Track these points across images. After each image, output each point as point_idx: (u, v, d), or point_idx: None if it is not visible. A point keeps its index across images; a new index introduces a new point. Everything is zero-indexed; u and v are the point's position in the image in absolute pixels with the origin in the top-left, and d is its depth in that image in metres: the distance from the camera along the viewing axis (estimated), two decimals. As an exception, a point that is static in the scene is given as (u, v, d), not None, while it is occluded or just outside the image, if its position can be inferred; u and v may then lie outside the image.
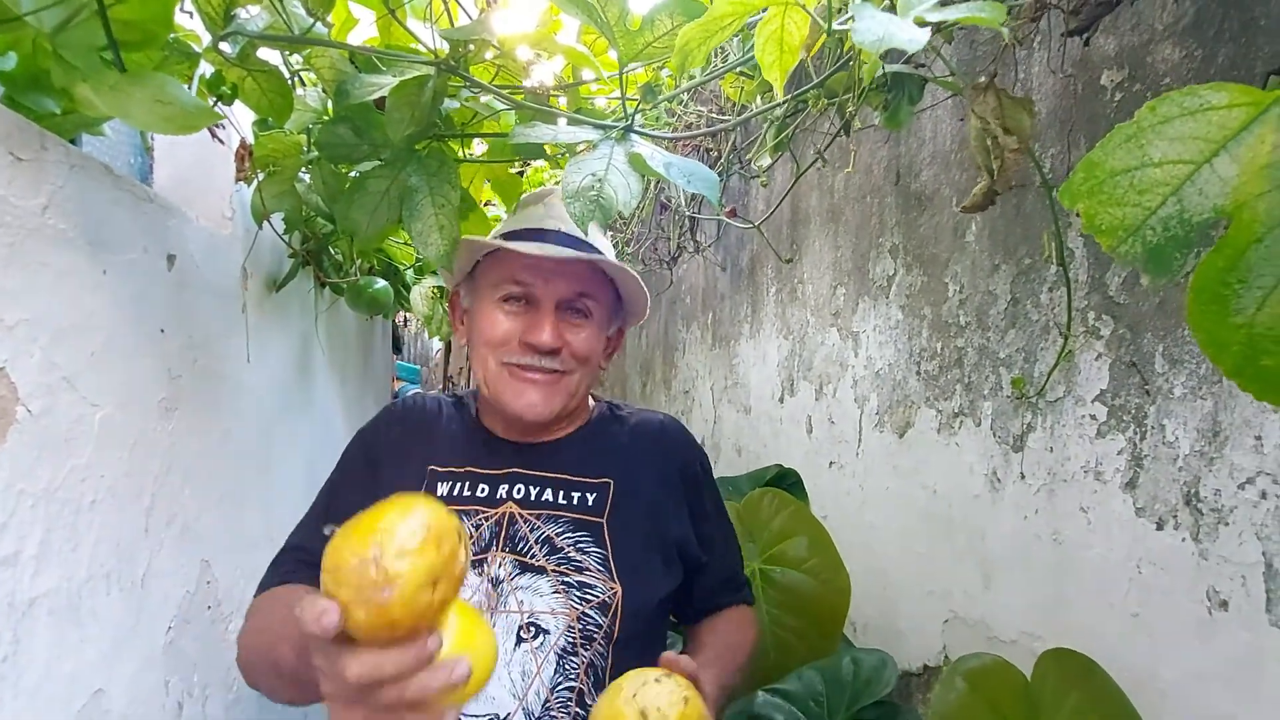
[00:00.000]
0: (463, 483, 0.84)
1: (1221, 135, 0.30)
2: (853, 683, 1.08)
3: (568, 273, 0.82)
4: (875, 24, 0.45)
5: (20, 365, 0.60)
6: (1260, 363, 0.30)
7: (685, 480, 0.91)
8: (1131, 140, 0.32)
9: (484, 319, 0.84)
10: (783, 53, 0.58)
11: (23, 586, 0.61)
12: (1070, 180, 0.34)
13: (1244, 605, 0.82)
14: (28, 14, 0.54)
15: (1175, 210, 0.31)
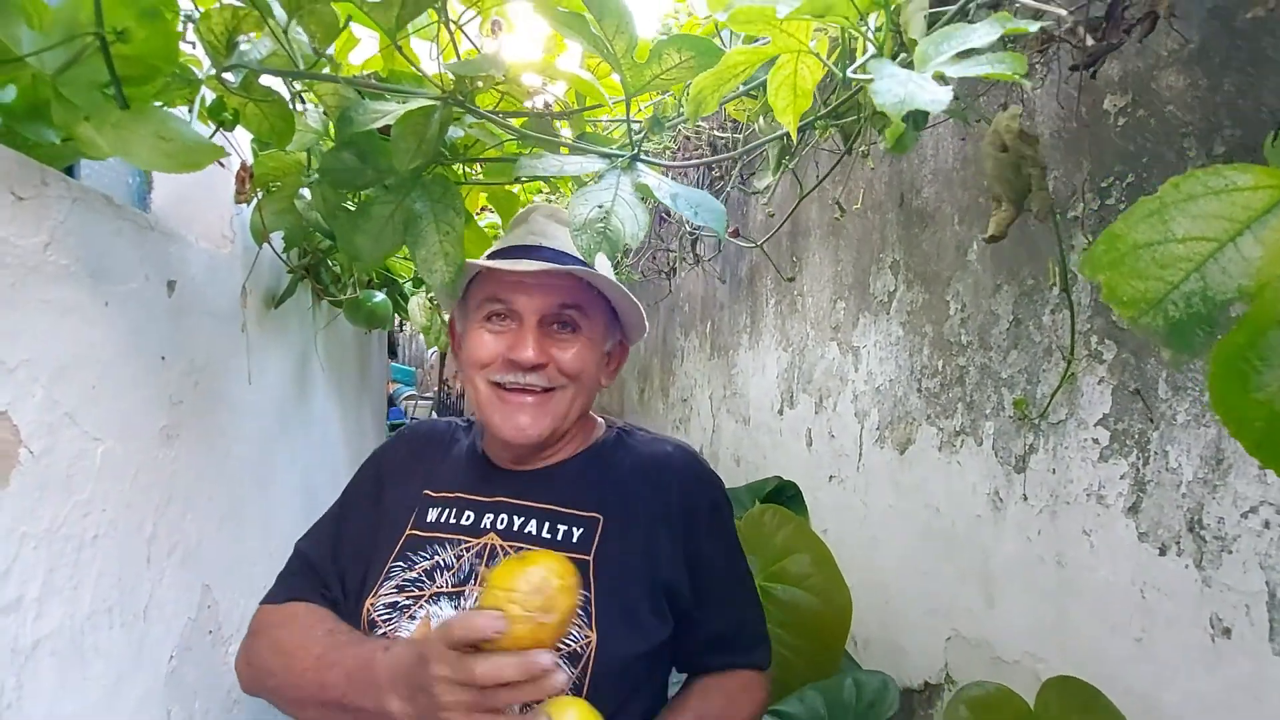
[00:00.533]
0: (451, 509, 0.82)
1: (1246, 215, 0.30)
2: (855, 705, 1.08)
3: (549, 286, 0.80)
4: (896, 84, 0.44)
5: (22, 407, 0.59)
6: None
7: (686, 519, 0.83)
8: (1155, 215, 0.32)
9: (471, 340, 0.83)
10: (796, 96, 0.58)
11: (25, 631, 0.60)
12: (1092, 251, 0.34)
13: (1247, 633, 0.82)
14: (29, 55, 0.53)
15: (1198, 286, 0.31)
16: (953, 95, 0.43)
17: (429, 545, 0.80)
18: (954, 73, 0.46)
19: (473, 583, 0.76)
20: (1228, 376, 0.31)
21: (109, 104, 0.59)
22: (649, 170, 0.81)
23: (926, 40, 0.48)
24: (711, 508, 0.87)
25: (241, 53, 0.75)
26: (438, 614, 0.74)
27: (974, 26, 0.47)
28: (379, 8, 0.62)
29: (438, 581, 0.77)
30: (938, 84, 0.44)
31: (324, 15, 0.71)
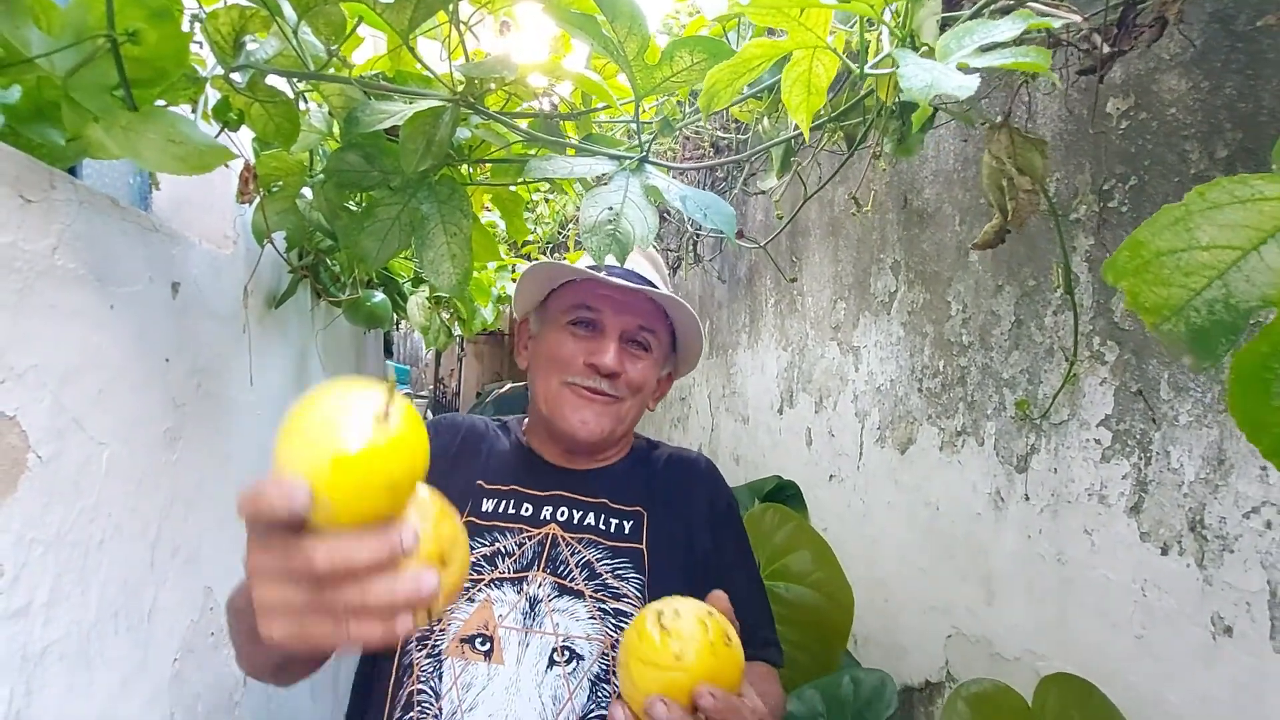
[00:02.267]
0: (508, 500, 0.86)
1: (1272, 225, 0.31)
2: (853, 703, 1.09)
3: (634, 306, 0.87)
4: (922, 71, 0.45)
5: (30, 412, 0.59)
6: None
7: (711, 516, 0.92)
8: (1179, 223, 0.33)
9: (551, 339, 0.88)
10: (810, 94, 0.58)
11: (34, 637, 0.60)
12: (1115, 257, 0.35)
13: (1249, 631, 0.83)
14: (39, 57, 0.52)
15: (1221, 294, 0.32)
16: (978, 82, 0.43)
17: (488, 533, 0.83)
18: (978, 64, 0.46)
19: (535, 569, 0.80)
20: (1248, 383, 0.31)
21: (118, 106, 0.58)
22: (657, 172, 0.81)
23: (948, 35, 0.49)
24: (729, 508, 0.95)
25: (249, 53, 0.75)
26: (500, 598, 0.77)
27: (997, 22, 0.47)
28: (392, 9, 0.61)
29: (499, 567, 0.80)
30: (963, 73, 0.45)
31: (333, 16, 0.71)
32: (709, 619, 0.59)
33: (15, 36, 0.51)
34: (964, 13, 0.59)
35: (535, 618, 0.77)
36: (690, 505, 0.90)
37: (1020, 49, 0.45)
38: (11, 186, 0.55)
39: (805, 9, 0.51)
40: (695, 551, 0.87)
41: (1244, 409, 0.32)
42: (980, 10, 0.57)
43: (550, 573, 0.80)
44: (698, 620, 0.58)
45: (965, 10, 0.61)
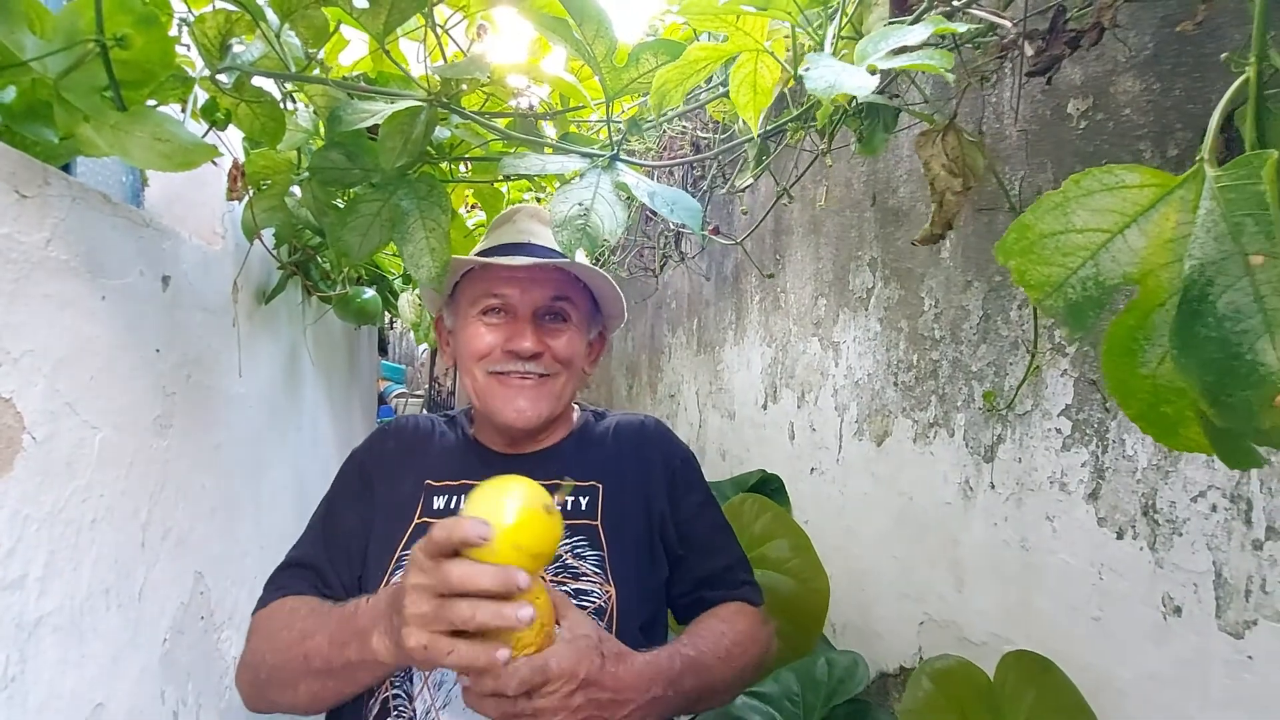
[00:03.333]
0: (458, 496, 0.87)
1: (1134, 210, 0.34)
2: (827, 682, 1.12)
3: (542, 280, 0.86)
4: (828, 72, 0.48)
5: (26, 395, 0.62)
6: (1160, 410, 0.34)
7: (666, 475, 0.93)
8: (1058, 208, 0.36)
9: (467, 335, 0.88)
10: (756, 94, 0.62)
11: (29, 607, 0.63)
12: (1005, 239, 0.38)
13: (1196, 611, 0.87)
14: (32, 60, 0.56)
15: (1092, 272, 0.35)
16: (877, 82, 0.47)
17: None
18: (885, 65, 0.50)
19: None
20: (1117, 354, 0.35)
21: (108, 106, 0.62)
22: (628, 169, 0.84)
23: (866, 39, 0.52)
24: (683, 463, 0.97)
25: (234, 55, 0.78)
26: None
27: (909, 27, 0.51)
28: (368, 14, 0.65)
29: None
30: (868, 74, 0.48)
31: (314, 19, 0.74)
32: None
33: (10, 40, 0.55)
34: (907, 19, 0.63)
35: None
36: (645, 470, 0.91)
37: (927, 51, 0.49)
38: (7, 182, 0.59)
39: (741, 15, 0.55)
40: (653, 515, 0.89)
41: (1115, 377, 0.35)
42: (920, 16, 0.61)
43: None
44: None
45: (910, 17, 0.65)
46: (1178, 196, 0.34)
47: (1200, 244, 0.31)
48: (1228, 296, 0.30)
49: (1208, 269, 0.30)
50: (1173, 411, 0.33)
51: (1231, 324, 0.30)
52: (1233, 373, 0.30)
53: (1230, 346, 0.30)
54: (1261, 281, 0.29)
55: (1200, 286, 0.30)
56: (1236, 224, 0.30)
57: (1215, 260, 0.30)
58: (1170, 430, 0.35)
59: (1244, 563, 0.82)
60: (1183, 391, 0.33)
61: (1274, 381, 0.29)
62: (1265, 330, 0.29)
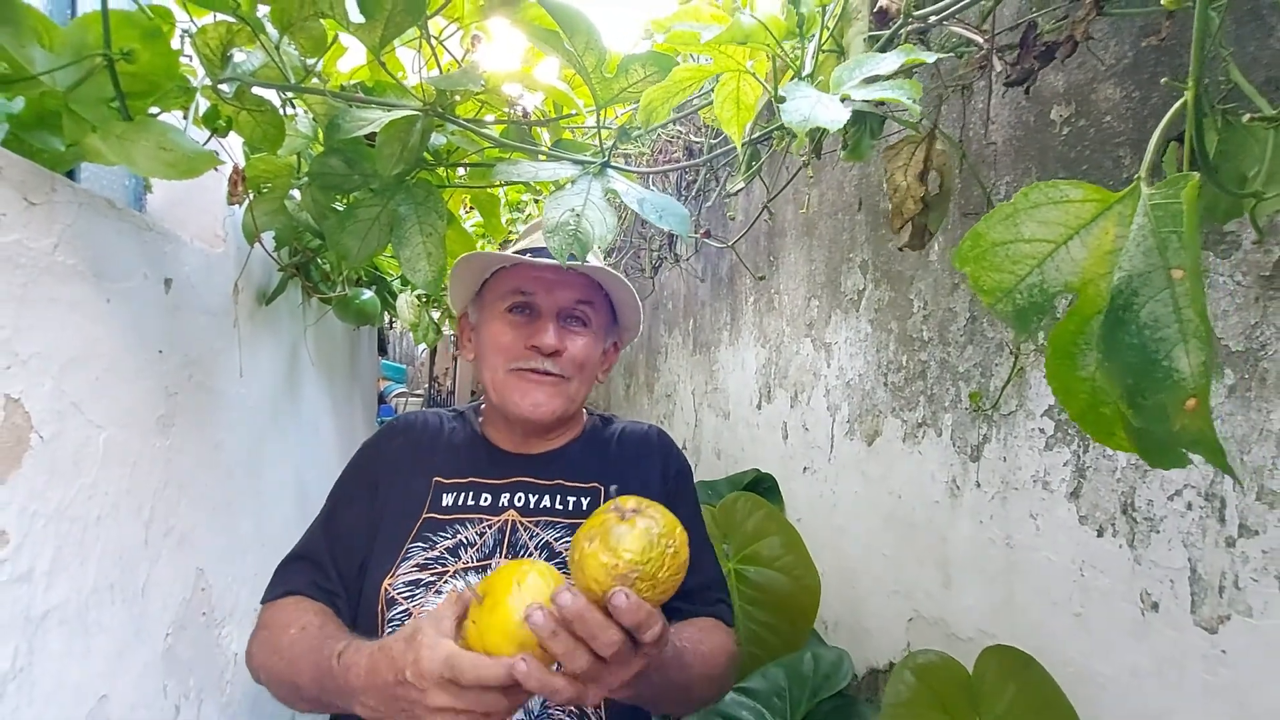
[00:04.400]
0: (466, 493, 0.90)
1: (1076, 223, 0.37)
2: (813, 677, 1.15)
3: (567, 283, 0.90)
4: (803, 104, 0.50)
5: (33, 395, 0.64)
6: (1099, 410, 0.36)
7: (665, 484, 0.96)
8: (1009, 218, 0.39)
9: (491, 330, 0.91)
10: (739, 109, 0.64)
11: (36, 601, 0.66)
12: (960, 246, 0.40)
13: (1172, 607, 0.89)
14: (43, 74, 0.58)
15: (1038, 280, 0.37)
16: (850, 114, 0.49)
17: (449, 526, 0.86)
18: (859, 95, 0.52)
19: (497, 555, 0.84)
20: (1060, 357, 0.37)
21: (114, 117, 0.64)
22: (619, 176, 0.86)
23: (841, 66, 0.55)
24: (680, 476, 0.99)
25: (235, 65, 0.80)
26: (466, 587, 0.80)
27: (881, 56, 0.53)
28: (364, 28, 0.67)
29: (462, 558, 0.84)
30: (841, 105, 0.51)
31: (313, 30, 0.77)
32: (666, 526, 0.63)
33: (21, 55, 0.57)
34: (885, 33, 0.65)
35: None
36: (645, 478, 0.94)
37: (897, 82, 0.51)
38: (17, 190, 0.61)
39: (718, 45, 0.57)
40: None
41: (1058, 379, 0.38)
42: (899, 30, 0.63)
43: (512, 558, 0.83)
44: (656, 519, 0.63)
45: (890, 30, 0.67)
46: (1116, 211, 0.36)
47: (1130, 257, 0.33)
48: (1150, 307, 0.32)
49: (1134, 280, 0.33)
50: (1110, 412, 0.36)
51: (1151, 332, 0.32)
52: (1149, 377, 0.32)
53: (1149, 353, 0.32)
54: (1180, 294, 0.32)
55: (1126, 296, 0.33)
56: (1163, 239, 0.33)
57: (1143, 272, 0.33)
58: (1107, 430, 0.37)
59: (1218, 559, 0.85)
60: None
61: (1186, 386, 0.32)
62: (1181, 339, 0.32)
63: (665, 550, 0.60)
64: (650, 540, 0.60)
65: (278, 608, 0.85)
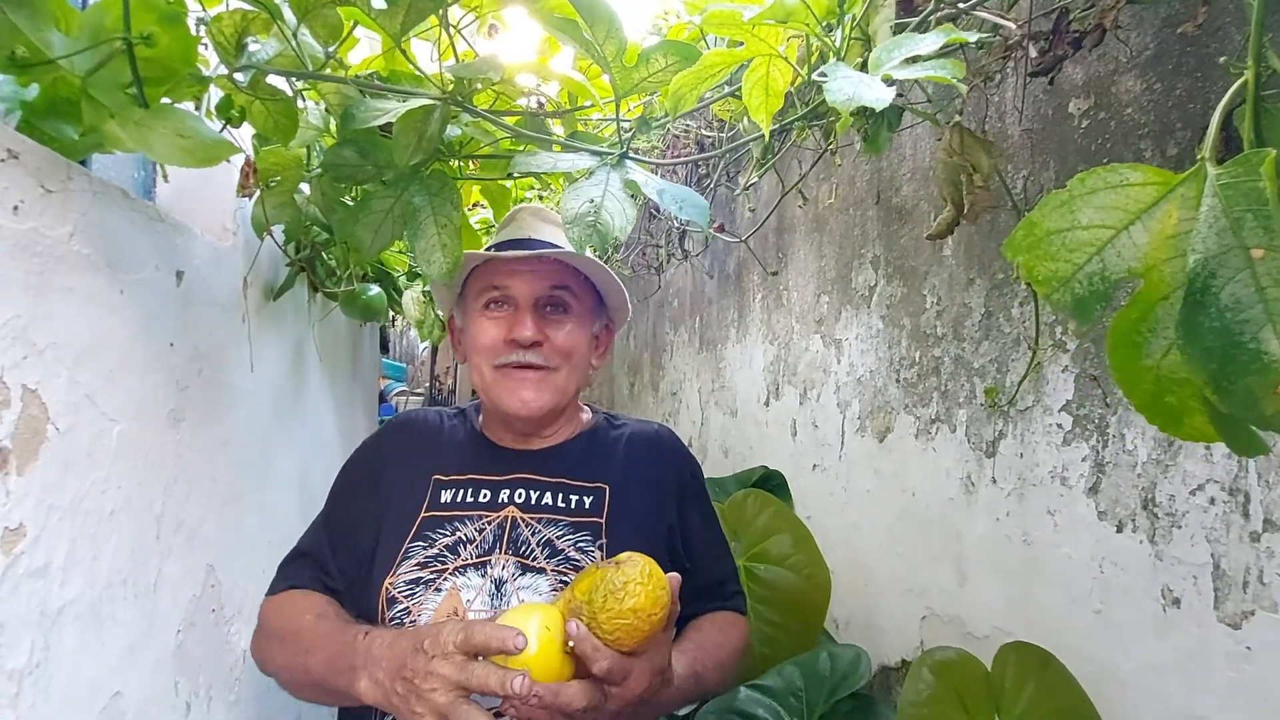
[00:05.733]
0: (465, 490, 0.89)
1: (1138, 208, 0.36)
2: (830, 677, 1.14)
3: (541, 271, 0.88)
4: (847, 84, 0.50)
5: (50, 386, 0.63)
6: (1164, 400, 0.35)
7: (677, 486, 0.95)
8: (1064, 205, 0.38)
9: (473, 329, 0.91)
10: (768, 96, 0.63)
11: (53, 595, 0.65)
12: (1013, 236, 0.40)
13: (1195, 603, 0.88)
14: (60, 58, 0.57)
15: (1098, 268, 0.37)
16: (894, 93, 0.48)
17: (448, 523, 0.85)
18: (900, 75, 0.51)
19: (497, 552, 0.83)
20: (1122, 346, 0.36)
21: (131, 103, 0.63)
22: (637, 167, 0.85)
23: (880, 47, 0.54)
24: (692, 476, 1.00)
25: (250, 53, 0.79)
26: (466, 584, 0.81)
27: (922, 36, 0.52)
28: (385, 14, 0.66)
29: (461, 555, 0.83)
30: (885, 85, 0.50)
31: (331, 19, 0.76)
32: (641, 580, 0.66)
33: (39, 39, 0.56)
34: (913, 20, 0.64)
35: (502, 597, 0.80)
36: (658, 481, 0.93)
37: (940, 61, 0.50)
38: (34, 177, 0.60)
39: (758, 25, 0.56)
40: (660, 522, 0.91)
41: (1121, 368, 0.37)
42: (927, 18, 0.62)
43: (512, 554, 0.83)
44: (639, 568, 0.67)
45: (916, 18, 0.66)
46: (1179, 194, 0.35)
47: (1203, 239, 0.33)
48: (1230, 289, 0.31)
49: (1210, 263, 0.32)
50: (1176, 401, 0.35)
51: (1233, 314, 0.31)
52: (1235, 361, 0.31)
53: (1232, 336, 0.31)
54: (1262, 274, 0.31)
55: (1203, 279, 0.32)
56: (1237, 219, 0.32)
57: (1217, 254, 0.32)
58: (1175, 420, 0.36)
59: (1242, 555, 0.84)
60: (1185, 382, 0.34)
61: (1276, 369, 0.31)
62: (1267, 320, 0.31)
63: (609, 594, 0.64)
64: (598, 583, 0.65)
65: (286, 598, 0.85)
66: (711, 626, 0.92)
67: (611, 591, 0.63)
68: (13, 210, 0.58)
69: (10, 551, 0.58)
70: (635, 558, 0.67)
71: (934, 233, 0.75)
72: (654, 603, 0.64)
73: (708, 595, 0.96)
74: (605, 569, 0.66)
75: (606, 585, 0.64)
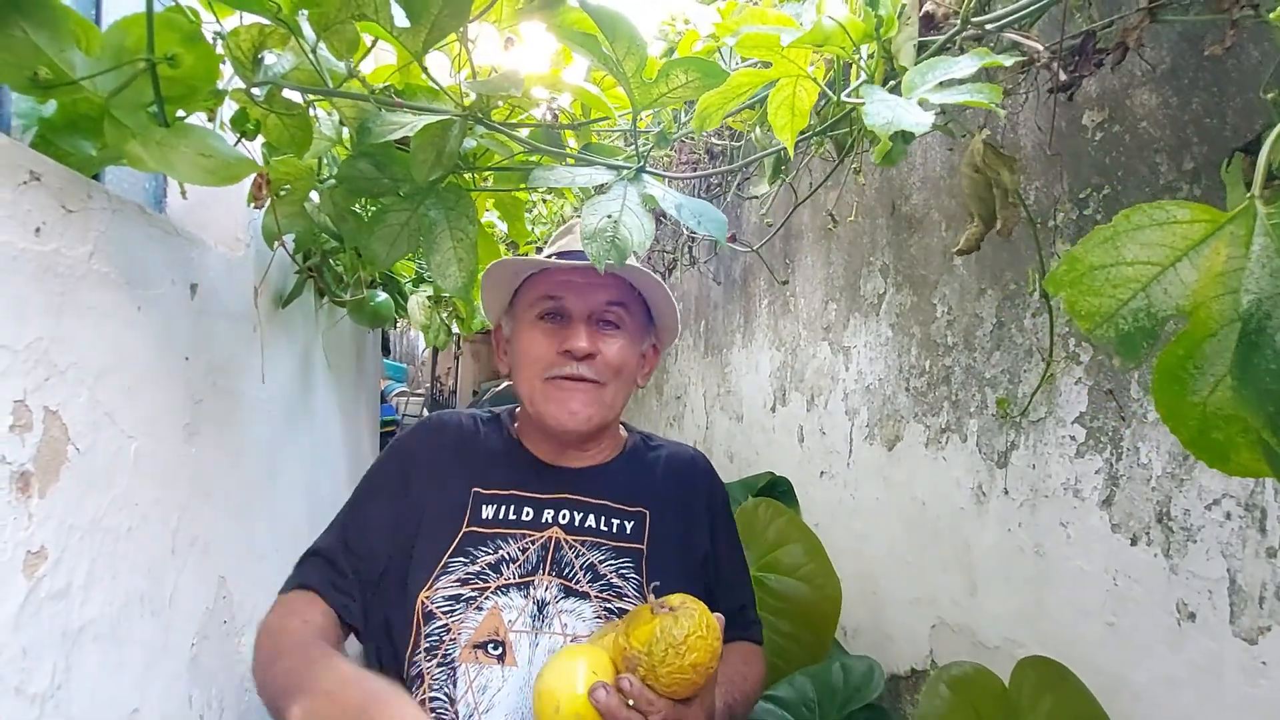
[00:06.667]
0: (509, 506, 0.87)
1: (1185, 245, 0.36)
2: (843, 689, 1.14)
3: (598, 285, 0.87)
4: (885, 108, 0.49)
5: (70, 406, 0.63)
6: (1211, 436, 0.36)
7: (709, 513, 0.95)
8: (1109, 241, 0.38)
9: (524, 339, 0.89)
10: (794, 116, 0.63)
11: (73, 616, 0.64)
12: (1055, 271, 0.39)
13: (1210, 617, 0.89)
14: (83, 79, 0.57)
15: (1144, 304, 0.36)
16: (934, 118, 0.48)
17: (490, 540, 0.84)
18: (937, 99, 0.51)
19: (541, 573, 0.82)
20: (1168, 382, 0.36)
21: (152, 122, 0.63)
22: (654, 181, 0.85)
23: (914, 70, 0.53)
24: (724, 503, 0.99)
25: (267, 67, 0.79)
26: (508, 604, 0.80)
27: (957, 59, 0.52)
28: (408, 32, 0.66)
29: (504, 574, 0.82)
30: (921, 109, 0.50)
31: (349, 34, 0.75)
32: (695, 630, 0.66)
33: (61, 59, 0.56)
34: (938, 39, 0.64)
35: (544, 619, 0.80)
36: (690, 505, 0.93)
37: (976, 85, 0.50)
38: (55, 198, 0.60)
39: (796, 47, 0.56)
40: (695, 549, 0.91)
41: (1166, 404, 0.37)
42: (952, 38, 0.62)
43: (556, 575, 0.82)
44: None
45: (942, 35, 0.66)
46: (1228, 232, 0.35)
47: (1256, 279, 0.33)
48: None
49: (1265, 303, 0.32)
50: (1223, 438, 0.35)
51: None
52: None
53: None
54: None
55: (1258, 320, 0.32)
56: (1290, 259, 0.32)
57: (1271, 295, 0.32)
58: (1222, 456, 0.36)
59: (1258, 570, 0.84)
60: (1233, 418, 0.34)
61: None
62: None
63: (670, 648, 0.63)
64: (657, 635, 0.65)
65: (290, 599, 0.83)
66: (737, 658, 0.91)
67: (673, 645, 0.63)
68: (35, 232, 0.57)
69: (33, 575, 0.58)
70: (690, 605, 0.67)
71: (962, 248, 0.75)
72: (713, 656, 0.64)
73: (730, 623, 0.94)
74: (663, 618, 0.65)
75: (667, 638, 0.63)
